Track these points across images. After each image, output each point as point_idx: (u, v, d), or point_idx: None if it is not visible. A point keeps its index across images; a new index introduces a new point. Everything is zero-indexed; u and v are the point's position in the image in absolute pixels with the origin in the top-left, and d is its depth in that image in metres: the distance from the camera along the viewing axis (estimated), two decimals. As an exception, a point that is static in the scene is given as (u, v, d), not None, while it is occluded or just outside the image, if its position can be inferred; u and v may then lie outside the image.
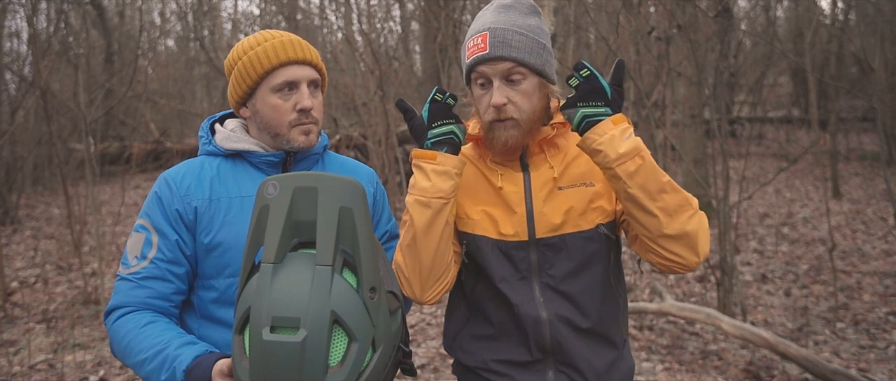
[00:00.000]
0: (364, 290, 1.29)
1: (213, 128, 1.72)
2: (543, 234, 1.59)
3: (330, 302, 1.24)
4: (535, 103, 1.57)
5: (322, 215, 1.29)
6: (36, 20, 8.78)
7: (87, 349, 4.78)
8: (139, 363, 1.48)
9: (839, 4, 14.07)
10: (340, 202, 1.30)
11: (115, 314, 1.56)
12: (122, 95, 7.78)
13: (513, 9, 1.58)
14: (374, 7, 12.23)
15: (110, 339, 1.57)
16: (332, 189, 1.30)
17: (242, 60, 1.59)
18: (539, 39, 1.56)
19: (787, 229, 8.06)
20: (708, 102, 6.78)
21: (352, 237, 1.30)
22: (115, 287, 1.59)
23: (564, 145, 1.66)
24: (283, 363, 1.21)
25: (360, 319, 1.27)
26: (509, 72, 1.53)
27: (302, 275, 1.27)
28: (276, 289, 1.26)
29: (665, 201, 1.48)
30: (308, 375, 1.21)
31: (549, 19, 3.07)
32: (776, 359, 4.25)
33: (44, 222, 9.85)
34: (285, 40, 1.59)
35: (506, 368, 1.62)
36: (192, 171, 1.63)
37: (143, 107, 11.92)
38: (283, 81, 1.58)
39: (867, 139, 13.82)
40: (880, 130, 8.08)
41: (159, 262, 1.56)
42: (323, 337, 1.23)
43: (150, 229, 1.58)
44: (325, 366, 1.23)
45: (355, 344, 1.26)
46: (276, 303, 1.24)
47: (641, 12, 7.54)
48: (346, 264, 1.31)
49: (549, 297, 1.59)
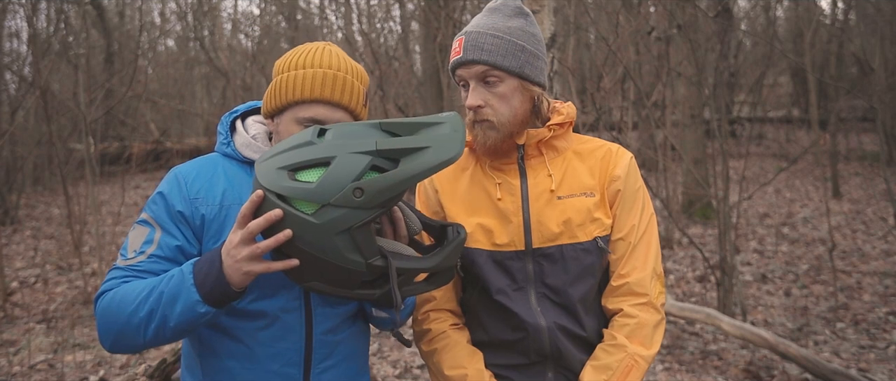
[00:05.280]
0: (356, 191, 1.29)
1: (233, 125, 1.64)
2: (540, 244, 1.59)
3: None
4: (516, 106, 1.57)
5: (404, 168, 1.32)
6: (36, 20, 8.78)
7: (87, 349, 4.78)
8: (137, 305, 1.39)
9: (839, 4, 14.09)
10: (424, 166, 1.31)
11: (103, 296, 1.48)
12: (122, 95, 7.78)
13: (498, 12, 1.60)
14: (374, 7, 12.23)
15: (98, 319, 1.46)
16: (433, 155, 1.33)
17: (282, 77, 1.52)
18: (518, 41, 1.57)
19: (787, 229, 8.06)
20: (708, 102, 6.77)
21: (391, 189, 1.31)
22: (107, 275, 1.52)
23: (564, 147, 1.66)
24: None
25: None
26: (484, 74, 1.56)
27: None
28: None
29: None
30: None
31: (548, 19, 3.07)
32: (776, 359, 4.25)
33: (44, 222, 9.85)
34: (329, 75, 1.51)
35: (505, 370, 1.62)
36: (205, 172, 1.56)
37: (143, 107, 11.92)
38: (309, 117, 1.50)
39: (867, 139, 13.81)
40: (880, 130, 8.08)
41: (158, 259, 1.49)
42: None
43: (154, 225, 1.52)
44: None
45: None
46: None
47: (641, 12, 7.54)
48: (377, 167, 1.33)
49: (546, 307, 1.59)
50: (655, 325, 1.59)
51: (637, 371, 1.55)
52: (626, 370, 1.54)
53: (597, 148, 1.68)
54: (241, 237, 1.33)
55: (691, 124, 8.53)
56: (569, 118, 1.63)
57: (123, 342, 1.44)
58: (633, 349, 1.56)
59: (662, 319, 1.62)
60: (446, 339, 1.65)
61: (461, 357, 1.61)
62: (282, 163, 1.33)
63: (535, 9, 3.04)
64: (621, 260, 1.62)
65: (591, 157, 1.66)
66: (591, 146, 1.68)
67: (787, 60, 13.12)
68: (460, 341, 1.63)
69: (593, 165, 1.65)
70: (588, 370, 1.57)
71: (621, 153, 1.66)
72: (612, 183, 1.63)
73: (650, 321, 1.59)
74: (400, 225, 1.50)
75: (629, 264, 1.61)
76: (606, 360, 1.56)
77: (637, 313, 1.59)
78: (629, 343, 1.56)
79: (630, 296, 1.60)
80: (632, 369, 1.55)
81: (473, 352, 1.63)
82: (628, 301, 1.60)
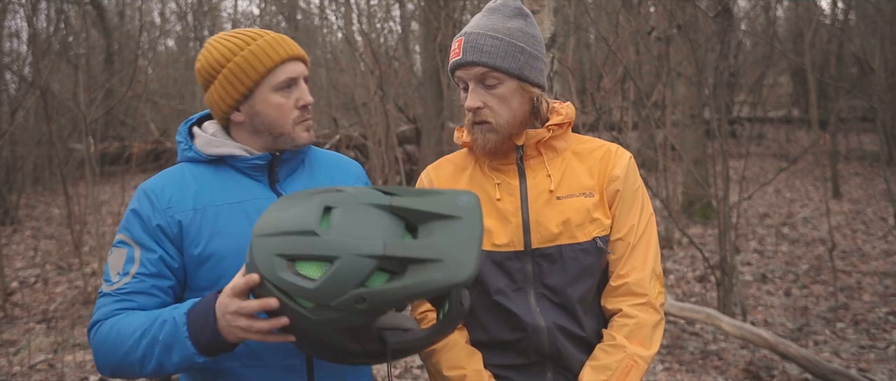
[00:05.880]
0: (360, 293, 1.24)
1: (191, 131, 1.63)
2: (539, 244, 1.59)
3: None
4: (515, 107, 1.57)
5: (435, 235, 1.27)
6: (36, 20, 8.79)
7: (87, 349, 4.78)
8: (132, 346, 1.39)
9: (839, 4, 14.08)
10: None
11: (97, 327, 1.47)
12: (122, 95, 7.77)
13: (497, 12, 1.59)
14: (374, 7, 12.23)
15: (95, 352, 1.46)
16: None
17: (235, 61, 1.51)
18: (517, 43, 1.56)
19: (787, 229, 8.06)
20: (708, 102, 6.78)
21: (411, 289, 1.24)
22: (97, 304, 1.50)
23: (563, 147, 1.65)
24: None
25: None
26: (483, 76, 1.55)
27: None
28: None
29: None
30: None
31: (548, 19, 3.07)
32: (776, 359, 4.25)
33: (44, 222, 9.85)
34: (277, 37, 1.54)
35: (504, 370, 1.62)
36: (173, 182, 1.55)
37: (143, 107, 11.90)
38: (286, 79, 1.53)
39: (867, 139, 13.81)
40: (880, 130, 8.08)
41: (143, 277, 1.48)
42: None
43: (132, 244, 1.50)
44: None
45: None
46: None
47: (641, 12, 7.54)
48: (386, 270, 1.26)
49: (545, 307, 1.59)
50: (655, 325, 1.59)
51: (636, 371, 1.55)
52: (625, 370, 1.54)
53: (596, 148, 1.67)
54: (235, 310, 1.31)
55: (691, 124, 8.53)
56: (567, 119, 1.62)
57: (123, 375, 1.47)
58: (632, 349, 1.56)
59: (662, 319, 1.62)
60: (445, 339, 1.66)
61: (460, 358, 1.61)
62: (281, 249, 1.26)
63: (535, 9, 3.03)
64: (620, 260, 1.62)
65: (590, 157, 1.65)
66: (591, 146, 1.68)
67: (787, 60, 13.12)
68: (459, 341, 1.63)
69: (592, 165, 1.64)
70: (587, 371, 1.56)
71: (620, 153, 1.66)
72: (611, 183, 1.62)
73: (649, 322, 1.59)
74: None
75: (628, 264, 1.61)
76: (606, 360, 1.56)
77: (636, 314, 1.59)
78: (628, 344, 1.56)
79: (629, 296, 1.60)
80: (631, 369, 1.55)
81: (472, 352, 1.63)
82: (627, 301, 1.60)
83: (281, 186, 1.61)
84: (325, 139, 11.32)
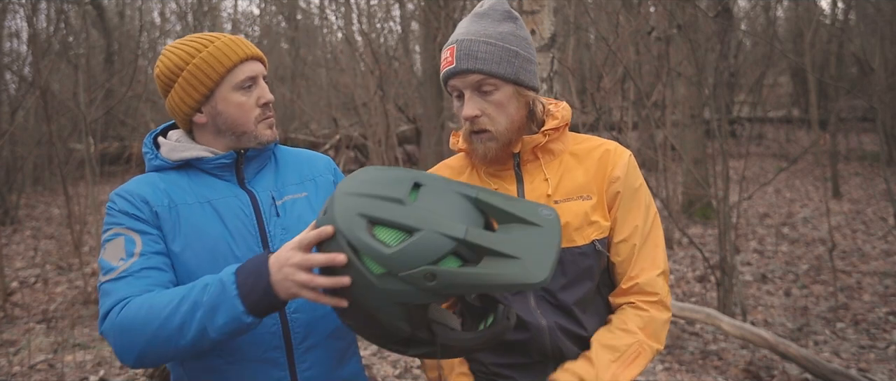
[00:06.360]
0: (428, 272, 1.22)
1: (156, 142, 1.64)
2: None
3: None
4: (513, 113, 1.54)
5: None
6: (36, 20, 8.78)
7: (87, 349, 4.78)
8: (169, 315, 1.34)
9: (839, 4, 14.09)
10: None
11: (117, 308, 1.40)
12: (122, 95, 7.77)
13: (486, 17, 1.56)
14: (374, 7, 12.23)
15: (119, 335, 1.38)
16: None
17: (193, 64, 1.53)
18: (511, 47, 1.53)
19: (787, 229, 8.06)
20: (708, 102, 6.78)
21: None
22: (104, 290, 1.43)
23: (560, 150, 1.64)
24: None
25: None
26: (479, 83, 1.52)
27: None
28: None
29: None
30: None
31: (548, 19, 3.07)
32: (776, 359, 4.25)
33: (44, 222, 9.85)
34: (233, 38, 1.56)
35: (507, 370, 1.62)
36: (143, 183, 1.55)
37: (143, 107, 11.89)
38: (246, 77, 1.54)
39: (867, 139, 13.82)
40: (880, 130, 8.08)
41: (150, 254, 1.46)
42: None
43: (127, 232, 1.48)
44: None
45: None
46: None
47: (641, 12, 7.54)
48: (459, 254, 1.25)
49: (546, 309, 1.59)
50: (664, 322, 1.60)
51: (643, 359, 1.54)
52: (633, 354, 1.53)
53: (594, 148, 1.65)
54: (299, 261, 1.29)
55: (691, 124, 8.53)
56: (563, 121, 1.60)
57: (152, 356, 1.38)
58: (643, 337, 1.55)
59: (670, 317, 1.62)
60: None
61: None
62: (364, 209, 1.26)
63: (535, 9, 3.03)
64: (628, 262, 1.61)
65: (588, 157, 1.64)
66: (588, 146, 1.66)
67: (787, 60, 13.12)
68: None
69: (590, 166, 1.63)
70: (595, 345, 1.55)
71: (619, 152, 1.64)
72: (611, 185, 1.61)
73: (660, 318, 1.59)
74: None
75: (638, 265, 1.60)
76: (615, 341, 1.55)
77: (649, 309, 1.59)
78: (639, 332, 1.56)
79: (641, 294, 1.60)
80: (639, 355, 1.53)
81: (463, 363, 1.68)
82: (640, 298, 1.60)
83: (250, 184, 1.61)
84: (325, 139, 11.33)
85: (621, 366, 1.52)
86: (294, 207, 1.61)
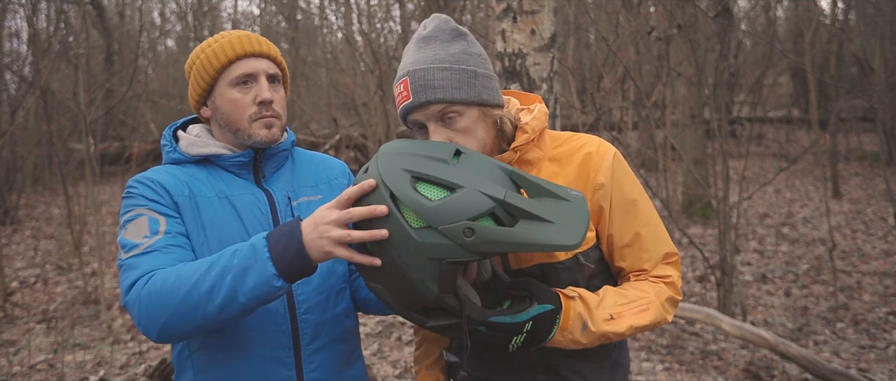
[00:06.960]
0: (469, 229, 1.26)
1: (176, 135, 1.65)
2: (518, 266, 1.54)
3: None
4: (482, 136, 1.46)
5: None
6: (36, 20, 8.78)
7: (87, 349, 4.78)
8: (198, 280, 1.33)
9: (839, 4, 14.09)
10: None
11: (143, 278, 1.38)
12: (122, 95, 7.77)
13: (433, 40, 1.46)
14: (374, 7, 12.23)
15: (144, 306, 1.35)
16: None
17: (200, 58, 1.56)
18: (468, 67, 1.43)
19: (787, 229, 8.06)
20: (708, 102, 6.78)
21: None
22: (129, 265, 1.41)
23: (538, 157, 1.55)
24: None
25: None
26: (442, 113, 1.42)
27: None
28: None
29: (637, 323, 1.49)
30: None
31: (548, 19, 3.06)
32: (776, 359, 4.25)
33: (44, 222, 9.85)
34: (242, 35, 1.58)
35: (495, 375, 1.61)
36: (162, 173, 1.56)
37: (143, 107, 11.91)
38: (241, 74, 1.55)
39: (867, 139, 13.82)
40: (880, 130, 8.08)
41: (175, 234, 1.46)
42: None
43: (149, 212, 1.48)
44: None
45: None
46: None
47: (641, 12, 7.54)
48: (496, 216, 1.29)
49: None
50: (674, 300, 1.55)
51: (650, 315, 1.49)
52: (642, 307, 1.49)
53: (575, 150, 1.56)
54: (337, 217, 1.29)
55: (691, 124, 8.53)
56: (535, 134, 1.51)
57: (177, 325, 1.35)
58: (654, 297, 1.51)
59: (680, 300, 1.58)
60: (425, 340, 1.80)
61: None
62: (408, 165, 1.29)
63: (535, 9, 3.03)
64: (637, 261, 1.56)
65: (569, 162, 1.55)
66: (569, 149, 1.57)
67: (787, 60, 13.12)
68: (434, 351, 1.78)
69: (571, 171, 1.54)
70: (604, 288, 1.51)
71: (601, 154, 1.54)
72: (596, 192, 1.52)
73: (671, 293, 1.55)
74: (473, 267, 1.45)
75: (646, 263, 1.57)
76: (624, 292, 1.51)
77: (661, 284, 1.56)
78: (652, 294, 1.52)
79: (653, 276, 1.58)
80: (647, 310, 1.49)
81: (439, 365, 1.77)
82: (652, 276, 1.58)
83: (267, 183, 1.62)
84: (325, 139, 11.33)
85: (627, 309, 1.48)
86: (309, 208, 1.61)
